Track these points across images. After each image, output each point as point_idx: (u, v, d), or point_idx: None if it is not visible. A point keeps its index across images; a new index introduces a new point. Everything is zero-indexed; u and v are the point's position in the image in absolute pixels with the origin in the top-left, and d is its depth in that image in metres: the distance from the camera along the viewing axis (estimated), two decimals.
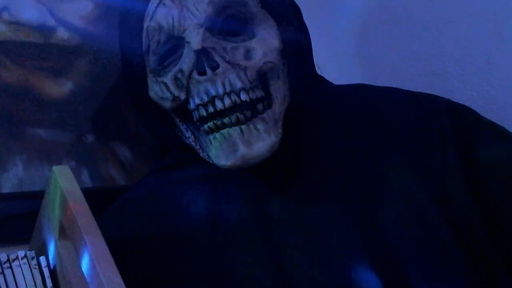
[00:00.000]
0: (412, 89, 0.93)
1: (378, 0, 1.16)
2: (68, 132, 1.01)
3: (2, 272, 0.77)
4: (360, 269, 0.77)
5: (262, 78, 0.83)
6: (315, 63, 0.96)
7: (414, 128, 0.86)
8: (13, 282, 0.77)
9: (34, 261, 0.79)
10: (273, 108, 0.83)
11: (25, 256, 0.79)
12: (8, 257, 0.78)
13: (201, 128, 0.83)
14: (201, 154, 0.85)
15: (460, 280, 0.77)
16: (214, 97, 0.80)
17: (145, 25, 0.83)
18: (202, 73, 0.80)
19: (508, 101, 0.97)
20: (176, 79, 0.83)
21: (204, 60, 0.80)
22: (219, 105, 0.80)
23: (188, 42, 0.81)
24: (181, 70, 0.82)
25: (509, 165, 0.82)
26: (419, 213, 0.80)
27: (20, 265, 0.78)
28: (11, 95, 0.98)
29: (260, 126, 0.81)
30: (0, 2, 1.00)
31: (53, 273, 0.80)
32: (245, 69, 0.81)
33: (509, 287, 0.79)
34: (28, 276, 0.78)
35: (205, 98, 0.81)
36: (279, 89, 0.84)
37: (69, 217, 0.76)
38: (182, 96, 0.83)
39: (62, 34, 1.03)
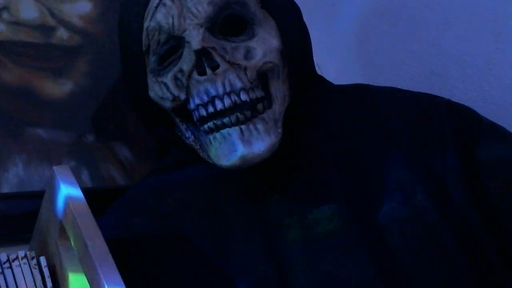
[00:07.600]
0: (412, 89, 0.93)
1: (378, 0, 1.16)
2: (68, 132, 1.01)
3: (2, 272, 0.77)
4: (360, 269, 0.77)
5: (262, 78, 0.83)
6: (315, 63, 0.96)
7: (414, 128, 0.86)
8: (13, 282, 0.77)
9: (34, 261, 0.79)
10: (273, 108, 0.83)
11: (25, 256, 0.79)
12: (8, 257, 0.78)
13: (201, 128, 0.83)
14: (201, 154, 0.85)
15: (461, 280, 0.77)
16: (214, 97, 0.80)
17: (145, 25, 0.83)
18: (202, 73, 0.80)
19: (508, 101, 0.97)
20: (176, 79, 0.83)
21: (204, 60, 0.80)
22: (219, 105, 0.80)
23: (188, 42, 0.81)
24: (181, 70, 0.82)
25: (509, 165, 0.82)
26: (419, 213, 0.80)
27: (20, 265, 0.78)
28: (11, 95, 0.99)
29: (260, 126, 0.80)
30: (0, 2, 1.00)
31: (53, 273, 0.80)
32: (245, 69, 0.81)
33: (510, 287, 0.79)
34: (28, 276, 0.78)
35: (205, 98, 0.81)
36: (279, 89, 0.84)
37: (69, 217, 0.76)
38: (182, 96, 0.83)
39: (62, 34, 1.03)
